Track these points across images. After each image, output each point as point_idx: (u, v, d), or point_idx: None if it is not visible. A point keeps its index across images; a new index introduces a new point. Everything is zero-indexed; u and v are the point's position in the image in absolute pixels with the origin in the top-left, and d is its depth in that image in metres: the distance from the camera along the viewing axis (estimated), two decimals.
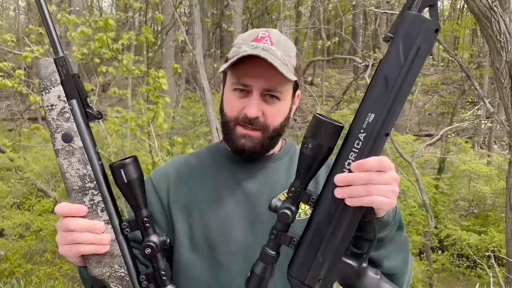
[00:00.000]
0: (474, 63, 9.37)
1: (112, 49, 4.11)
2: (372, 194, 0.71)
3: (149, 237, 0.80)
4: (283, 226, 0.78)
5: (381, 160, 0.71)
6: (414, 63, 0.69)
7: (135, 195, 0.79)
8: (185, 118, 10.79)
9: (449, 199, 9.71)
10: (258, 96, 0.93)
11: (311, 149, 0.74)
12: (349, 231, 0.75)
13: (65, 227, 0.77)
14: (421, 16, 0.68)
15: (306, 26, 11.36)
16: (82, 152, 0.76)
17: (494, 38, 2.62)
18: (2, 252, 7.39)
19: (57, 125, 0.76)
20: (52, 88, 0.75)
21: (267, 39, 0.95)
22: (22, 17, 20.52)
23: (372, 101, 0.71)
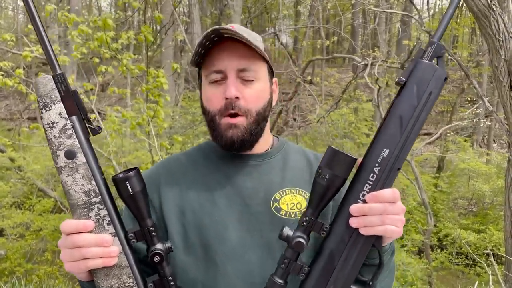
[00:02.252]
0: (473, 62, 9.38)
1: (112, 48, 4.11)
2: (385, 224, 0.76)
3: (155, 245, 0.81)
4: (294, 254, 0.80)
5: (394, 192, 0.77)
6: (426, 106, 0.76)
7: (140, 206, 0.80)
8: (185, 118, 10.80)
9: (448, 198, 9.74)
10: (234, 77, 0.92)
11: (327, 180, 0.77)
12: (360, 259, 0.79)
13: (72, 243, 0.76)
14: (433, 65, 0.77)
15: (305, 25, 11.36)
16: (86, 168, 0.76)
17: (493, 37, 2.62)
18: (3, 252, 7.39)
19: (59, 142, 0.75)
20: (53, 106, 0.75)
21: (230, 27, 0.94)
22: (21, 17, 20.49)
23: (387, 138, 0.77)
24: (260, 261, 0.93)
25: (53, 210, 7.88)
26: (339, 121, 9.36)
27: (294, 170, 1.02)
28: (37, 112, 13.61)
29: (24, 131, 9.51)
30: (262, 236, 0.94)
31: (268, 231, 0.95)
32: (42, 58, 4.95)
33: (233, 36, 0.89)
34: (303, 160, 1.05)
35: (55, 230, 7.29)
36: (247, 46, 0.91)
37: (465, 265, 7.97)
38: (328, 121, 8.76)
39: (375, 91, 5.98)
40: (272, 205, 0.97)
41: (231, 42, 0.91)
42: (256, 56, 0.94)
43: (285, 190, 0.98)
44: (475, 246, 7.44)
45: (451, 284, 7.17)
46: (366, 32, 12.05)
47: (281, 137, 1.11)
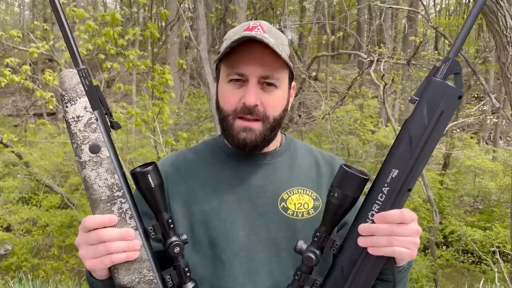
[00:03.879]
0: (480, 58, 9.31)
1: (118, 45, 4.12)
2: (393, 245, 0.75)
3: (171, 238, 0.82)
4: (307, 268, 0.82)
5: (402, 213, 0.76)
6: (437, 126, 0.75)
7: (158, 200, 0.81)
8: (190, 114, 10.82)
9: (454, 195, 9.69)
10: (255, 84, 0.90)
11: (337, 199, 0.79)
12: (370, 277, 0.80)
13: (96, 239, 0.75)
14: (445, 84, 0.75)
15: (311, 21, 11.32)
16: (110, 162, 0.76)
17: (501, 33, 2.60)
18: (10, 247, 7.47)
19: (84, 136, 0.75)
20: (78, 100, 0.75)
21: (259, 27, 0.92)
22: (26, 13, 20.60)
23: (397, 158, 0.76)
24: (266, 260, 0.93)
25: (60, 206, 7.94)
26: (344, 118, 9.33)
27: (302, 169, 1.02)
28: (43, 108, 13.68)
29: (30, 127, 9.56)
30: (269, 235, 0.94)
31: (275, 230, 0.95)
32: (47, 54, 4.97)
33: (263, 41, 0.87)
34: (311, 159, 1.05)
35: (62, 226, 7.34)
36: (273, 52, 0.89)
37: (471, 263, 7.94)
38: (333, 117, 8.74)
39: (381, 87, 5.95)
40: (280, 204, 0.96)
41: (259, 45, 0.89)
42: (280, 63, 0.92)
43: (292, 189, 0.98)
44: (481, 244, 7.41)
45: (457, 282, 7.14)
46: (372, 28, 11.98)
47: (288, 134, 1.11)
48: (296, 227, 0.95)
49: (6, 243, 7.80)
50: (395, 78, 8.98)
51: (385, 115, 8.66)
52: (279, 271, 0.93)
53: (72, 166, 7.95)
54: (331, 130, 8.88)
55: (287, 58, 0.92)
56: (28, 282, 4.87)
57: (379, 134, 8.83)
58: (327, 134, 9.45)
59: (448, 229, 8.10)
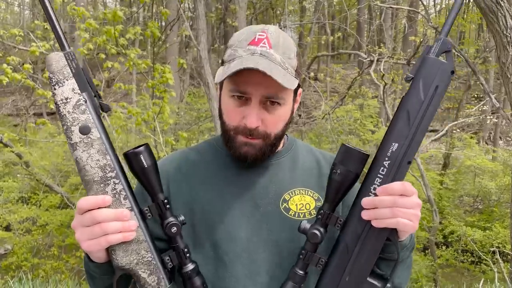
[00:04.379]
0: (480, 58, 9.31)
1: (119, 44, 4.12)
2: (397, 217, 0.77)
3: (168, 218, 0.82)
4: (312, 246, 0.83)
5: (404, 185, 0.78)
6: (433, 100, 0.79)
7: (152, 180, 0.81)
8: (190, 114, 10.81)
9: (453, 195, 9.70)
10: (258, 104, 0.89)
11: (340, 175, 0.81)
12: (374, 251, 0.82)
13: (91, 220, 0.75)
14: (438, 60, 0.79)
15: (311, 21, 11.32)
16: (101, 143, 0.77)
17: (501, 33, 2.60)
18: (9, 246, 7.47)
19: (73, 118, 0.76)
20: (66, 82, 0.76)
21: (265, 41, 0.89)
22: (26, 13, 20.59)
23: (396, 132, 0.79)
24: (268, 261, 0.93)
25: (60, 206, 7.94)
26: (344, 118, 9.33)
27: (303, 170, 1.02)
28: (43, 108, 13.69)
29: (31, 127, 9.58)
30: (271, 236, 0.94)
31: (277, 231, 0.95)
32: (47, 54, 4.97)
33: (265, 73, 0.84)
34: (312, 160, 1.05)
35: (62, 225, 7.34)
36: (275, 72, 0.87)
37: (471, 263, 7.95)
38: (333, 117, 8.74)
39: (381, 87, 5.95)
40: (282, 205, 0.96)
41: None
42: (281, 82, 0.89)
43: (294, 190, 0.98)
44: (480, 244, 7.41)
45: (456, 282, 7.14)
46: (372, 28, 11.98)
47: (289, 134, 1.10)
48: (298, 228, 0.96)
49: (6, 243, 7.81)
50: (395, 78, 8.99)
51: (385, 115, 8.67)
52: (281, 272, 0.93)
53: (72, 166, 7.95)
54: (331, 130, 8.88)
55: (293, 75, 0.90)
56: (28, 281, 4.87)
57: (379, 134, 8.83)
58: (327, 134, 9.45)
59: (448, 229, 8.11)
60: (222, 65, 0.94)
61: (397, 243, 0.83)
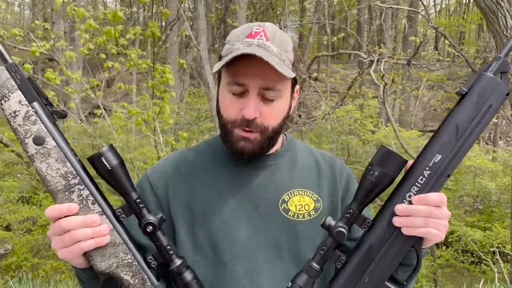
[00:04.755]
0: (480, 58, 9.30)
1: (119, 44, 4.12)
2: (429, 227, 0.78)
3: (146, 217, 0.80)
4: (334, 243, 0.82)
5: (442, 196, 0.78)
6: (484, 118, 0.78)
7: (121, 180, 0.79)
8: (190, 114, 10.81)
9: (454, 195, 9.69)
10: (255, 95, 0.89)
11: (376, 177, 0.80)
12: (398, 257, 0.82)
13: (60, 229, 0.75)
14: (496, 79, 0.79)
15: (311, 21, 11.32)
16: (58, 151, 0.75)
17: (501, 33, 2.60)
18: (10, 246, 7.47)
19: (25, 130, 0.74)
20: (11, 95, 0.74)
21: (262, 34, 0.90)
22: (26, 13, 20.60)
23: (442, 144, 0.79)
24: (267, 261, 0.93)
25: None
26: (344, 118, 9.33)
27: (303, 171, 1.02)
28: None
29: None
30: (270, 237, 0.94)
31: (276, 232, 0.95)
32: (48, 54, 4.98)
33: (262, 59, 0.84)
34: (311, 160, 1.05)
35: None
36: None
37: (471, 263, 7.95)
38: (334, 117, 8.74)
39: (381, 87, 5.95)
40: (281, 206, 0.96)
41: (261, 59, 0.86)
42: (283, 77, 0.89)
43: (293, 191, 0.98)
44: (480, 244, 7.41)
45: (456, 282, 7.14)
46: (372, 28, 11.97)
47: (288, 134, 1.10)
48: (297, 228, 0.95)
49: (6, 242, 7.81)
50: (395, 78, 8.99)
51: (385, 115, 8.67)
52: (280, 273, 0.93)
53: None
54: (331, 130, 8.88)
55: (290, 68, 0.90)
56: (28, 281, 4.87)
57: (379, 134, 8.84)
58: (327, 134, 9.45)
59: (448, 229, 8.10)
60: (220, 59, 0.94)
61: (421, 251, 0.83)
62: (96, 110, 4.84)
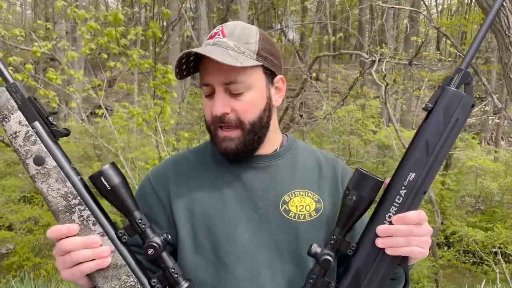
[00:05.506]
0: (482, 59, 9.28)
1: (121, 44, 4.12)
2: (411, 245, 0.79)
3: (149, 238, 0.79)
4: (322, 271, 0.83)
5: (420, 214, 0.80)
6: (452, 132, 0.79)
7: (123, 200, 0.78)
8: (191, 114, 10.81)
9: (455, 195, 9.68)
10: (222, 92, 0.90)
11: (354, 201, 0.81)
12: (385, 278, 0.82)
13: (61, 250, 0.75)
14: (460, 93, 0.80)
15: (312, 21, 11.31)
16: (58, 171, 0.75)
17: (503, 33, 2.59)
18: (11, 246, 7.49)
19: (25, 151, 0.74)
20: (11, 116, 0.74)
21: (220, 33, 0.92)
22: (28, 13, 20.63)
23: (414, 162, 0.79)
24: (268, 263, 0.93)
25: None
26: (345, 118, 9.32)
27: (304, 171, 1.01)
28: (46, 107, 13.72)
29: None
30: (271, 238, 0.94)
31: (277, 233, 0.95)
32: (49, 54, 4.99)
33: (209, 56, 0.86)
34: (313, 161, 1.04)
35: None
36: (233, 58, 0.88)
37: (472, 263, 7.93)
38: (335, 117, 8.73)
39: (383, 87, 5.94)
40: (281, 207, 0.96)
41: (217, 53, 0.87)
42: (242, 68, 0.89)
43: (294, 192, 0.98)
44: (482, 244, 7.39)
45: (458, 282, 7.13)
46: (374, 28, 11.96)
47: (290, 135, 1.10)
48: (298, 229, 0.95)
49: (7, 242, 7.82)
50: (397, 78, 8.97)
51: (387, 116, 8.66)
52: (281, 274, 0.93)
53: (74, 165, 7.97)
54: (332, 130, 8.87)
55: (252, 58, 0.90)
56: (29, 281, 4.88)
57: (381, 135, 8.82)
58: (329, 134, 9.44)
59: (449, 230, 8.09)
60: None
61: (407, 268, 0.84)
62: (98, 110, 4.84)
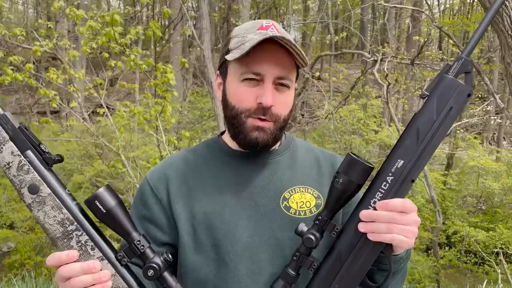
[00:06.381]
0: (484, 58, 9.26)
1: (121, 43, 4.11)
2: (393, 233, 0.77)
3: (149, 259, 0.79)
4: (306, 249, 0.83)
5: (405, 202, 0.78)
6: (445, 121, 0.78)
7: (119, 222, 0.78)
8: (193, 113, 10.82)
9: (457, 195, 9.66)
10: (271, 84, 0.91)
11: (342, 184, 0.80)
12: (367, 263, 0.81)
13: (61, 277, 0.74)
14: (456, 81, 0.78)
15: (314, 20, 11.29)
16: (53, 198, 0.75)
17: (506, 33, 2.58)
18: (13, 244, 7.50)
19: (20, 180, 0.75)
20: (3, 147, 0.75)
21: (273, 27, 0.92)
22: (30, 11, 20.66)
23: (403, 149, 0.79)
24: (270, 260, 0.93)
25: None
26: (347, 117, 9.31)
27: (303, 168, 1.02)
28: (47, 107, 13.73)
29: (34, 125, 9.61)
30: (272, 235, 0.94)
31: (278, 229, 0.95)
32: (51, 52, 4.99)
33: (288, 41, 0.88)
34: (311, 158, 1.05)
35: None
36: (287, 53, 0.90)
37: (474, 264, 7.91)
38: (337, 117, 8.73)
39: (384, 87, 5.93)
40: (282, 203, 0.96)
41: (274, 45, 0.89)
42: (294, 64, 0.93)
43: (294, 188, 0.98)
44: (484, 245, 7.38)
45: (459, 282, 7.12)
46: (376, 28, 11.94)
47: (288, 132, 1.10)
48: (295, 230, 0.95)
49: (9, 241, 7.84)
50: (399, 78, 8.95)
51: (388, 115, 8.64)
52: None
53: (75, 165, 7.97)
54: (334, 130, 8.87)
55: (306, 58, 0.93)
56: (31, 279, 4.89)
57: (382, 134, 8.81)
58: (330, 133, 9.43)
59: (451, 230, 8.08)
60: (227, 53, 0.94)
61: (390, 257, 0.83)
62: (99, 109, 4.84)
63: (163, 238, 0.96)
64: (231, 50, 0.92)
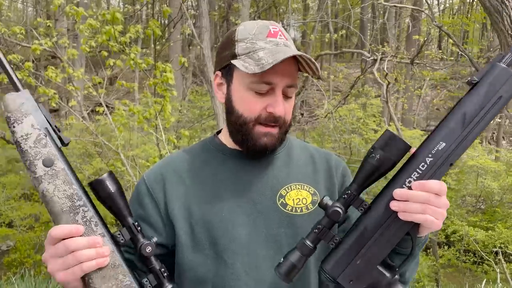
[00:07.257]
0: (484, 58, 9.26)
1: (121, 42, 4.11)
2: (426, 213, 0.77)
3: (141, 240, 0.83)
4: (330, 222, 0.82)
5: (442, 185, 0.77)
6: (493, 109, 0.77)
7: (120, 204, 0.83)
8: (192, 112, 10.81)
9: (456, 195, 9.66)
10: (281, 93, 0.93)
11: (378, 160, 0.79)
12: (392, 242, 0.81)
13: (65, 249, 0.75)
14: (509, 70, 0.77)
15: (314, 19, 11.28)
16: (65, 174, 0.78)
17: (505, 33, 2.58)
18: (12, 243, 7.50)
19: (35, 152, 0.77)
20: (24, 119, 0.78)
21: (281, 34, 0.94)
22: (30, 10, 20.64)
23: (447, 132, 0.78)
24: (268, 257, 0.94)
25: None
26: (347, 117, 9.32)
27: (298, 166, 1.03)
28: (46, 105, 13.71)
29: None
30: (270, 232, 0.95)
31: (275, 227, 0.95)
32: (50, 51, 4.98)
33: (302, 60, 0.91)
34: (306, 156, 1.07)
35: None
36: (295, 61, 0.93)
37: (473, 263, 7.93)
38: (336, 116, 8.73)
39: (384, 86, 5.93)
40: (278, 200, 0.97)
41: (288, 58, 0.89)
42: (298, 69, 0.96)
43: (290, 185, 0.99)
44: (483, 244, 7.39)
45: (458, 282, 7.13)
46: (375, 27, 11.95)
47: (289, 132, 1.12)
48: (296, 222, 0.96)
49: (8, 239, 7.84)
50: (399, 77, 8.96)
51: (388, 114, 8.64)
52: None
53: (74, 163, 7.97)
54: (333, 129, 8.87)
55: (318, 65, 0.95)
56: (30, 278, 4.89)
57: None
58: (330, 133, 9.44)
59: (450, 229, 8.08)
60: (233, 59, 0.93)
61: (415, 238, 0.82)
62: (98, 108, 4.83)
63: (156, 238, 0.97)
64: (238, 55, 0.92)
